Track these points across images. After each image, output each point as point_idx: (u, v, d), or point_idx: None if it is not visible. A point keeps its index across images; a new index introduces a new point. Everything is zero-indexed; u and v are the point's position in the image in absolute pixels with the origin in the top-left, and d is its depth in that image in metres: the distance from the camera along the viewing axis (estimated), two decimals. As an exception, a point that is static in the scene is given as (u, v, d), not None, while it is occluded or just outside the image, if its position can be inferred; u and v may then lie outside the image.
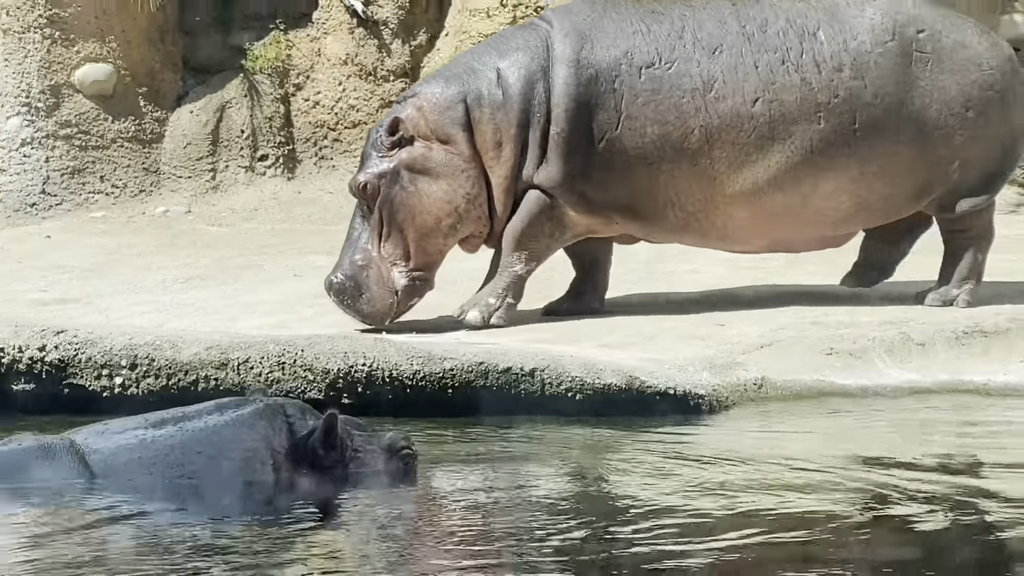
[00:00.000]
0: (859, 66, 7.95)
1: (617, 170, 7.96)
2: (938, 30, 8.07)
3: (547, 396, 6.29)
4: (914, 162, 8.04)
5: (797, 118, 7.92)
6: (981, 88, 8.07)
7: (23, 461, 4.49)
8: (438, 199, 7.98)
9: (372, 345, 6.36)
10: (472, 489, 5.04)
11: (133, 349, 6.36)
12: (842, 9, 8.05)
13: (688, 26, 7.98)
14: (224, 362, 6.30)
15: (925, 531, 4.35)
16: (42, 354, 6.38)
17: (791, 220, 8.14)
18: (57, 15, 13.18)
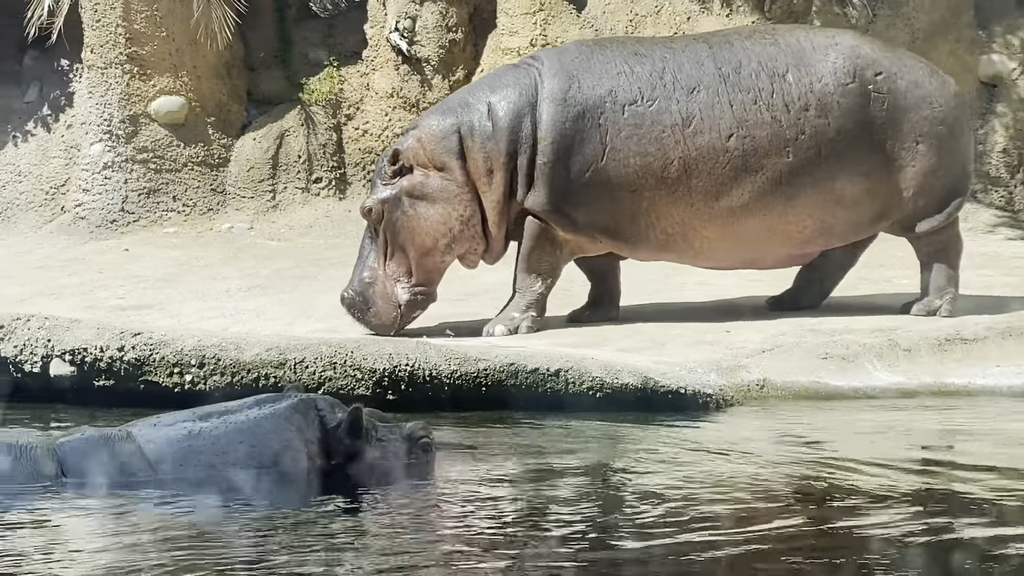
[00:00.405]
0: (823, 106, 8.03)
1: (602, 196, 8.00)
2: (894, 72, 8.15)
3: (570, 394, 6.29)
4: (872, 191, 8.12)
5: (768, 152, 7.99)
6: (931, 123, 8.14)
7: (87, 450, 4.55)
8: (435, 221, 8.05)
9: (414, 348, 6.37)
10: (497, 477, 5.04)
11: (201, 350, 6.37)
12: (808, 53, 8.12)
13: (668, 67, 8.03)
14: (282, 362, 6.31)
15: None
16: (121, 354, 6.40)
17: (760, 241, 8.20)
18: (136, 52, 13.26)
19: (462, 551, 3.90)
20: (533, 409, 6.24)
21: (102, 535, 4.10)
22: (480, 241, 8.17)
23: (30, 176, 13.58)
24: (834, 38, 8.29)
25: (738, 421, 6.30)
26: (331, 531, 4.16)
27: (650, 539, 4.02)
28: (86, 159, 13.30)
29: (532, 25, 13.13)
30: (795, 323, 7.85)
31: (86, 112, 13.42)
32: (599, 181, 7.96)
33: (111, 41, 13.27)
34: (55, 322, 6.55)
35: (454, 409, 6.21)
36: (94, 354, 6.41)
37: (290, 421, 4.55)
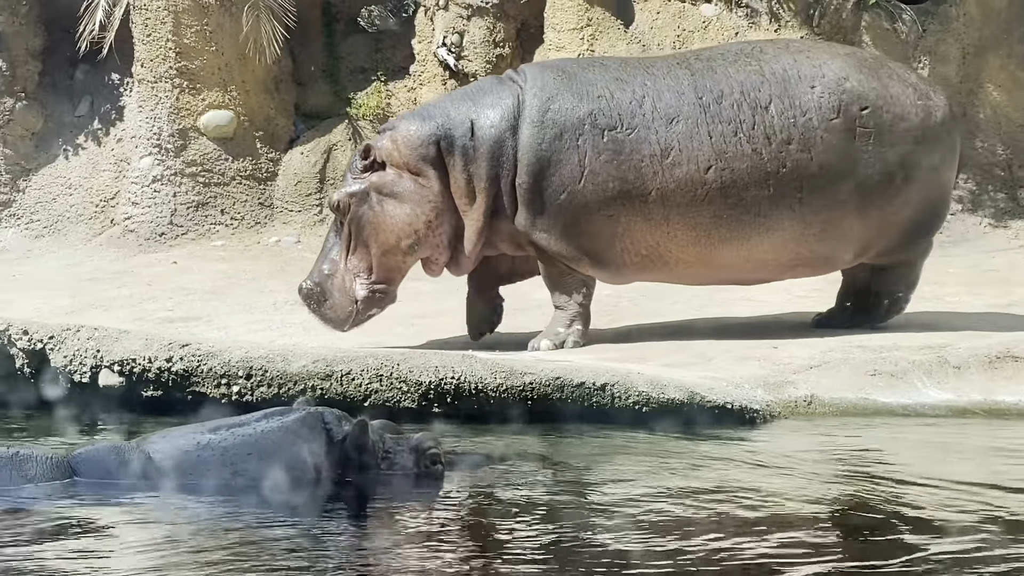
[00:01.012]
0: (806, 140, 7.84)
1: (579, 218, 7.89)
2: (879, 106, 7.93)
3: (616, 408, 6.28)
4: (854, 224, 7.98)
5: (748, 184, 7.84)
6: (915, 157, 7.98)
7: (100, 459, 4.67)
8: (400, 220, 8.00)
9: (460, 360, 6.38)
10: (518, 484, 5.04)
11: (249, 361, 6.41)
12: (793, 84, 7.91)
13: (648, 95, 7.90)
14: (329, 374, 6.34)
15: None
16: (169, 364, 6.45)
17: (736, 268, 8.11)
18: (185, 67, 13.41)
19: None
20: (579, 423, 6.23)
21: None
22: (444, 251, 8.11)
23: (81, 189, 13.76)
24: (821, 68, 7.98)
25: (784, 437, 6.25)
26: (331, 541, 4.21)
27: (688, 552, 4.01)
28: (136, 172, 13.45)
29: (579, 40, 13.15)
30: (843, 340, 7.78)
31: (136, 126, 13.57)
32: (576, 203, 7.87)
33: (161, 55, 13.43)
34: (104, 333, 6.62)
35: (500, 422, 6.21)
36: (143, 365, 6.46)
37: (297, 434, 4.61)
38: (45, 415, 6.57)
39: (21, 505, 4.45)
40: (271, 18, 13.41)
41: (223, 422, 4.76)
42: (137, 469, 4.58)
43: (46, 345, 6.58)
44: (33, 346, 6.59)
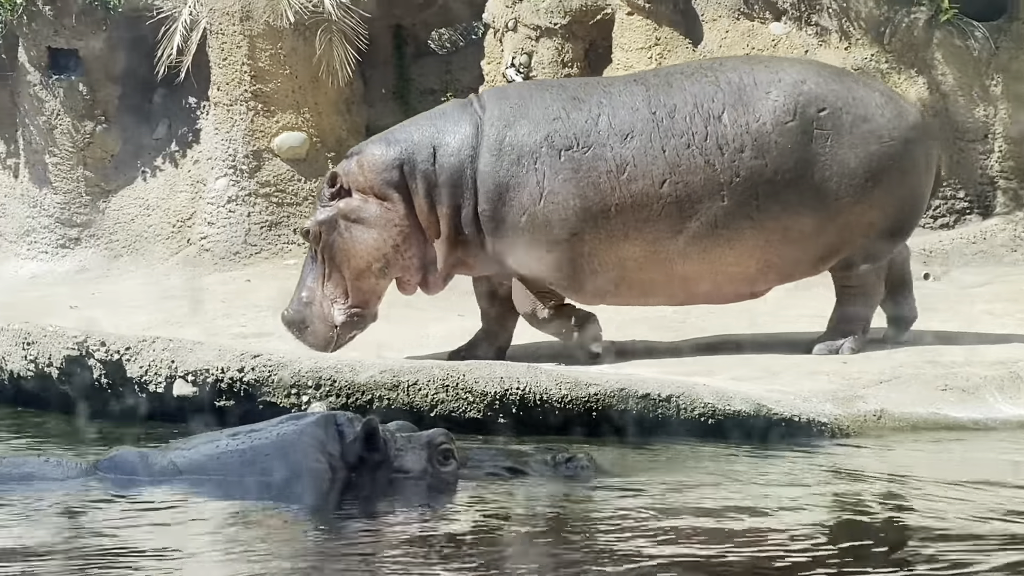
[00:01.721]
0: (760, 146, 7.74)
1: (543, 240, 7.91)
2: (839, 107, 7.80)
3: (681, 420, 6.27)
4: (818, 230, 7.86)
5: (702, 197, 7.77)
6: (881, 159, 7.81)
7: (126, 461, 4.85)
8: (369, 246, 8.09)
9: (525, 372, 6.41)
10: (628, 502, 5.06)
11: (318, 372, 6.49)
12: (748, 91, 7.82)
13: (604, 113, 7.87)
14: (396, 384, 6.40)
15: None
16: (241, 375, 6.55)
17: (703, 282, 8.02)
18: (260, 90, 13.66)
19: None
20: (644, 435, 6.23)
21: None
22: (415, 271, 8.20)
23: (158, 209, 14.05)
24: (778, 73, 7.91)
25: (853, 450, 6.20)
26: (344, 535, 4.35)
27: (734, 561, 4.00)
28: (211, 193, 13.71)
29: (648, 60, 13.17)
30: (914, 354, 7.70)
31: (212, 148, 13.84)
32: (538, 224, 7.88)
33: (236, 79, 13.69)
34: (179, 344, 6.75)
35: (565, 433, 6.23)
36: (215, 375, 6.57)
37: (311, 435, 4.72)
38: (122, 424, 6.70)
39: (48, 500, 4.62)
40: (343, 41, 13.62)
41: (242, 428, 4.93)
42: (161, 472, 4.74)
43: (123, 356, 6.72)
44: (110, 357, 6.73)
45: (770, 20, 13.20)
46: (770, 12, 13.17)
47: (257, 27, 13.72)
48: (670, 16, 13.24)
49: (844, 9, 12.87)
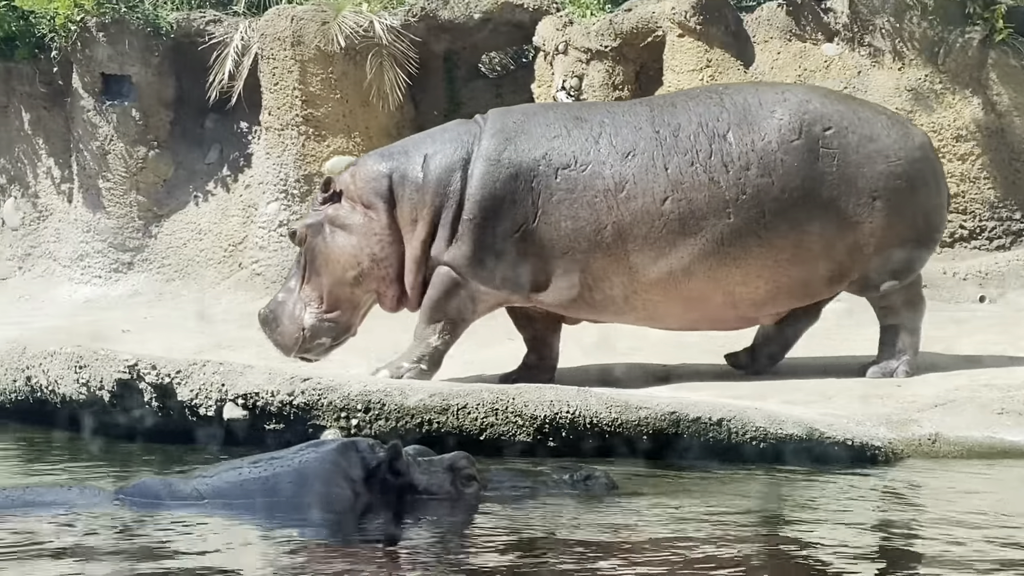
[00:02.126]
0: (765, 164, 7.71)
1: (533, 257, 7.90)
2: (844, 126, 7.79)
3: (733, 444, 6.23)
4: (827, 249, 7.80)
5: (706, 214, 7.73)
6: (888, 178, 7.77)
7: (150, 488, 4.91)
8: (347, 252, 8.15)
9: (575, 395, 6.39)
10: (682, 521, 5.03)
11: (367, 395, 6.49)
12: (753, 111, 7.82)
13: (605, 132, 7.86)
14: (445, 408, 6.40)
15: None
16: (291, 398, 6.57)
17: (709, 304, 7.93)
18: (311, 115, 13.77)
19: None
20: (695, 458, 6.20)
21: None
22: (391, 285, 8.18)
23: (210, 234, 14.19)
24: (783, 93, 7.95)
25: (907, 474, 6.13)
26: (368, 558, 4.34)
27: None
28: (263, 217, 13.82)
29: (699, 82, 13.14)
30: (969, 377, 7.61)
31: (263, 172, 13.97)
32: (530, 242, 7.88)
33: (288, 103, 13.82)
34: (229, 367, 6.78)
35: (615, 456, 6.20)
36: (265, 398, 6.59)
37: (334, 462, 4.75)
38: (173, 447, 6.75)
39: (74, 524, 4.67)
40: (394, 65, 13.72)
41: (264, 455, 4.95)
42: (184, 498, 4.78)
43: (173, 379, 6.77)
44: (161, 380, 6.78)
45: (822, 41, 13.14)
46: (822, 33, 13.11)
47: (308, 52, 13.85)
48: (721, 37, 13.23)
49: (897, 30, 12.79)
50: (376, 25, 13.73)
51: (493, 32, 14.75)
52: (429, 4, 14.28)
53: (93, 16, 14.51)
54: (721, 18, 13.23)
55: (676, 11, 13.11)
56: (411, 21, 14.17)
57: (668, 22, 13.23)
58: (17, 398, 7.47)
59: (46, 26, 14.72)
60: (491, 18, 14.42)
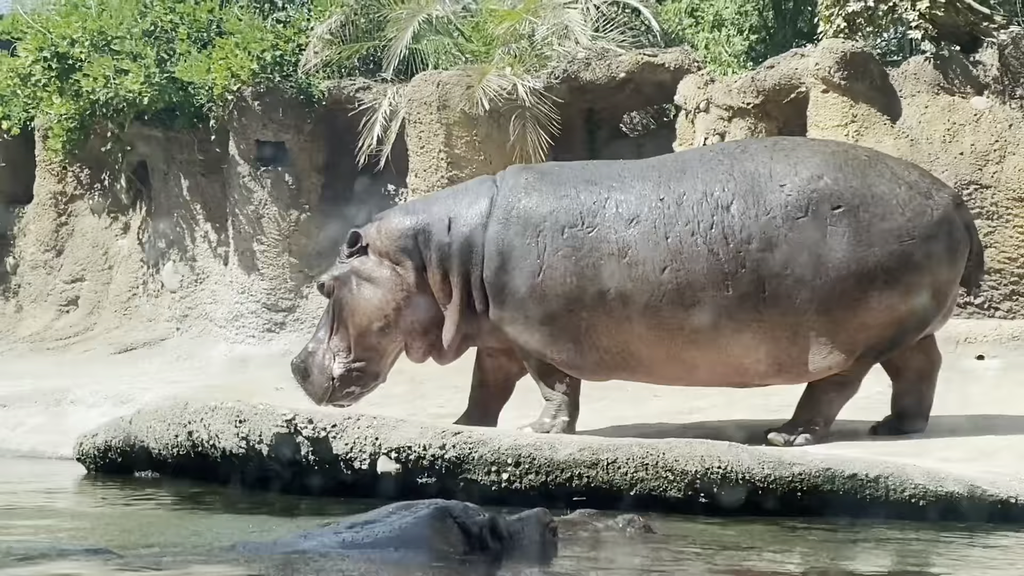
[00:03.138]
0: (767, 240, 7.54)
1: (540, 312, 7.93)
2: (856, 205, 7.53)
3: (890, 501, 6.08)
4: (836, 327, 7.53)
5: (705, 285, 7.62)
6: (900, 259, 7.51)
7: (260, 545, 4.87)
8: (373, 304, 8.31)
9: (727, 450, 6.32)
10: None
11: (517, 449, 6.51)
12: (762, 183, 7.63)
13: (612, 197, 7.86)
14: (595, 462, 6.38)
15: None
16: (442, 452, 6.62)
17: (712, 371, 7.86)
18: (456, 176, 13.97)
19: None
20: (850, 516, 6.07)
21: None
22: (419, 338, 8.35)
23: (364, 295, 14.44)
24: (796, 165, 7.66)
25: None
26: None
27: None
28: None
29: (844, 137, 12.99)
30: None
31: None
32: (536, 297, 7.92)
33: (434, 166, 14.09)
34: (382, 421, 6.87)
35: (766, 513, 6.11)
36: (418, 452, 6.65)
37: (433, 528, 4.69)
38: (329, 500, 6.86)
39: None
40: (536, 127, 13.89)
41: (358, 519, 4.87)
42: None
43: (329, 433, 6.89)
44: (317, 434, 6.91)
45: (971, 94, 12.89)
46: (971, 86, 12.86)
47: (453, 115, 14.12)
48: (867, 92, 13.07)
49: (1050, 81, 12.50)
50: (520, 88, 13.94)
51: (634, 92, 14.84)
52: (571, 66, 14.45)
53: (249, 86, 15.04)
54: (866, 73, 13.08)
55: (820, 67, 13.01)
56: (553, 83, 14.35)
57: (812, 78, 13.13)
58: (179, 452, 7.68)
59: (204, 96, 15.31)
60: (632, 78, 14.53)
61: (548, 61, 14.60)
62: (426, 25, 15.14)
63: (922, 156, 12.92)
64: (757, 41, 17.08)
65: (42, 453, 10.17)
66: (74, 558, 4.65)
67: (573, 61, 14.49)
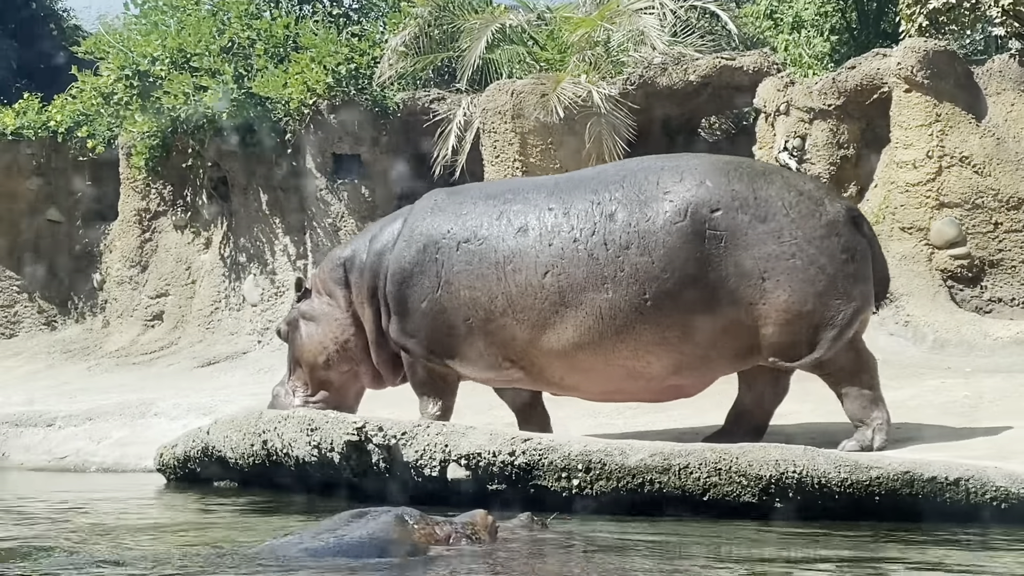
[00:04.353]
0: (646, 244, 7.65)
1: (441, 326, 8.19)
2: (735, 207, 7.56)
3: (971, 505, 5.94)
4: (725, 328, 7.57)
5: (584, 288, 7.77)
6: (779, 259, 7.47)
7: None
8: (315, 340, 8.83)
9: (802, 454, 6.21)
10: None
11: (588, 455, 6.49)
12: (648, 192, 7.76)
13: (506, 211, 8.10)
14: (666, 468, 6.33)
15: None
16: (512, 458, 6.62)
17: (603, 376, 7.94)
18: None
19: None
20: (929, 520, 5.93)
21: None
22: (362, 364, 8.75)
23: (436, 305, 14.50)
24: (683, 174, 7.76)
25: None
26: None
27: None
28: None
29: (928, 137, 12.79)
30: None
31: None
32: (435, 311, 8.19)
33: (508, 174, 14.09)
34: (452, 428, 6.89)
35: (843, 518, 6.00)
36: (487, 459, 6.66)
37: (394, 531, 4.95)
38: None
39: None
40: (612, 133, 13.85)
41: (323, 527, 5.05)
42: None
43: (399, 441, 6.92)
44: (387, 442, 6.94)
45: (1059, 90, 12.61)
46: (1059, 82, 12.58)
47: (528, 124, 14.12)
48: (951, 91, 12.85)
49: None
50: (595, 95, 13.91)
51: (712, 96, 14.74)
52: (647, 71, 14.39)
53: (324, 99, 15.21)
54: (950, 71, 12.86)
55: (902, 66, 12.82)
56: (629, 89, 14.30)
57: (894, 78, 12.94)
58: (254, 462, 7.77)
59: (281, 111, 15.50)
60: (710, 82, 14.43)
61: (623, 67, 14.56)
62: (499, 34, 15.19)
63: (1008, 155, 12.66)
64: (839, 42, 16.90)
65: (125, 466, 10.35)
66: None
67: (649, 67, 14.43)
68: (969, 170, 12.71)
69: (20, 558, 5.10)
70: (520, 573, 4.78)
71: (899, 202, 12.89)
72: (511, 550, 5.11)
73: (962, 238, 12.71)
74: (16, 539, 5.79)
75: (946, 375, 10.49)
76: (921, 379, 10.25)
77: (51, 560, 5.08)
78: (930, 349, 11.89)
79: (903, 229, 12.85)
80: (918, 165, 12.83)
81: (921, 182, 12.81)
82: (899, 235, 12.86)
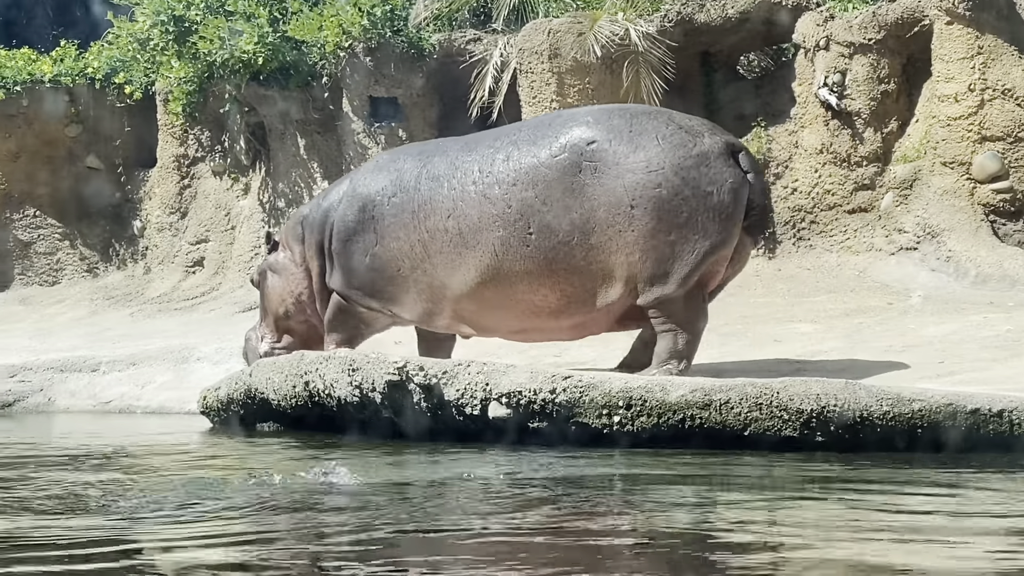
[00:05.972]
0: (530, 179, 8.07)
1: (380, 277, 8.75)
2: (610, 139, 7.93)
3: (1015, 436, 5.92)
4: (604, 257, 7.93)
5: (480, 228, 8.24)
6: (646, 187, 7.80)
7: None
8: (276, 292, 9.37)
9: (843, 388, 6.20)
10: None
11: (628, 392, 6.50)
12: (540, 134, 8.19)
13: (427, 164, 8.58)
14: (707, 403, 6.33)
15: None
16: (553, 396, 6.64)
17: (511, 312, 8.37)
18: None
19: None
20: (971, 452, 5.92)
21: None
22: (315, 315, 9.21)
23: (474, 247, 14.51)
24: (574, 116, 8.25)
25: None
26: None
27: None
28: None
29: (970, 70, 12.62)
30: None
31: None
32: (375, 265, 8.74)
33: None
34: (492, 367, 6.91)
35: (884, 450, 6.00)
36: (528, 396, 6.68)
37: None
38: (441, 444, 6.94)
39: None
40: (650, 72, 13.75)
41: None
42: None
43: (440, 380, 6.96)
44: (428, 381, 6.99)
45: (1107, 21, 12.39)
46: (1107, 11, 12.36)
47: (565, 64, 14.04)
48: (993, 23, 12.65)
49: None
50: (632, 33, 13.80)
51: (751, 32, 14.58)
52: (685, 8, 14.25)
53: (360, 42, 15.18)
54: (992, 3, 12.67)
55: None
56: (667, 26, 14.18)
57: (935, 10, 12.76)
58: (296, 403, 7.84)
59: (317, 54, 15.48)
60: (748, 18, 14.27)
61: (661, 4, 14.41)
62: (535, -27, 15.07)
63: (1054, 86, 12.47)
64: (879, -24, 16.61)
65: (169, 409, 10.46)
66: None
67: (687, 3, 14.28)
68: (1012, 103, 12.54)
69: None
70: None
71: (940, 136, 12.75)
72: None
73: (1004, 172, 12.57)
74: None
75: (988, 310, 10.43)
76: (963, 314, 10.20)
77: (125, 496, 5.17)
78: (972, 284, 11.81)
79: (945, 164, 12.72)
80: (960, 99, 12.67)
81: (963, 116, 12.66)
82: (940, 170, 12.73)
